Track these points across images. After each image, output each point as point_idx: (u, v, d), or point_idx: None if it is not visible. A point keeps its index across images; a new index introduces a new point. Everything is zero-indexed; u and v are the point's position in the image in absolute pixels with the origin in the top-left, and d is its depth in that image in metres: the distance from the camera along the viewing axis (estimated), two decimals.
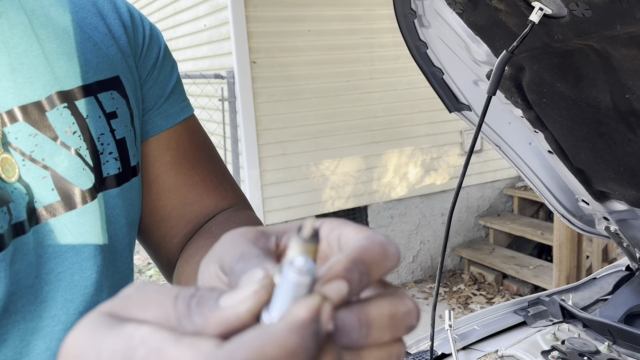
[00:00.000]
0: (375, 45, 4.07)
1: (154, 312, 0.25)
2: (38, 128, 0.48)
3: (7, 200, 0.44)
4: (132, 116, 0.57)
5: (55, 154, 0.49)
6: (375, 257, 0.26)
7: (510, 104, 1.07)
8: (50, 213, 0.48)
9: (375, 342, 0.26)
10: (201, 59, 4.32)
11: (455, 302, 4.11)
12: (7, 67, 0.47)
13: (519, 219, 4.64)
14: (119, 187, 0.54)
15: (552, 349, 1.16)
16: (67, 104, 0.50)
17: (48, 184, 0.48)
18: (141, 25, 0.60)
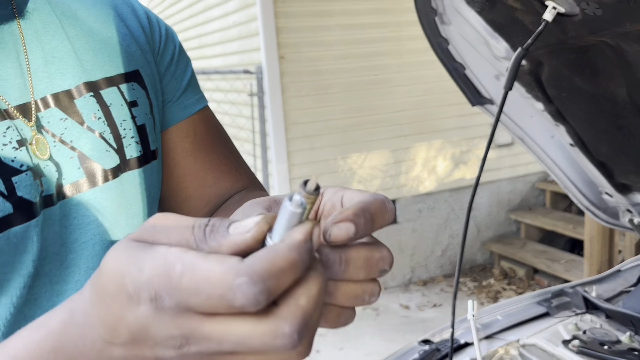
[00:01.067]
0: (403, 38, 4.07)
1: (175, 238, 0.30)
2: (68, 113, 0.56)
3: (40, 175, 0.52)
4: (151, 106, 0.64)
5: (82, 137, 0.56)
6: (377, 210, 0.33)
7: (532, 98, 1.09)
8: (75, 189, 0.55)
9: (351, 277, 0.33)
10: (231, 55, 4.39)
11: (484, 297, 4.10)
12: (42, 60, 0.55)
13: (551, 213, 4.58)
14: (140, 168, 0.61)
15: (573, 338, 1.18)
16: (93, 93, 0.58)
17: (75, 163, 0.55)
18: (157, 27, 0.68)
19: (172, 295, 0.28)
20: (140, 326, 0.29)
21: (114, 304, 0.29)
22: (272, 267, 0.27)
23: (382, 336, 3.51)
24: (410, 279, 4.48)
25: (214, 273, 0.27)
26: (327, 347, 3.40)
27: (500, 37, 0.93)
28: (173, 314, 0.28)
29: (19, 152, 0.51)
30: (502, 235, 4.78)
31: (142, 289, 0.28)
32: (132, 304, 0.29)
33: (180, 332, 0.28)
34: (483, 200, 4.68)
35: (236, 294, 0.27)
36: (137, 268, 0.28)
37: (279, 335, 0.28)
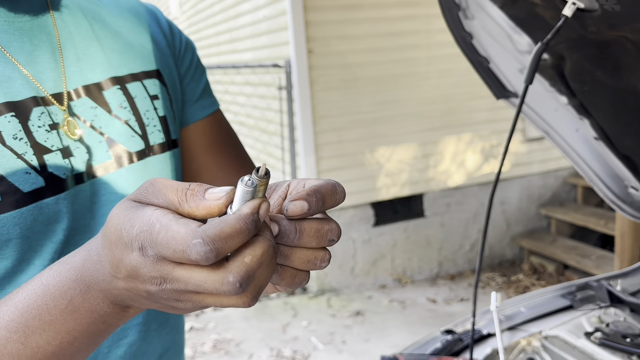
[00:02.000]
0: (433, 31, 4.05)
1: (163, 199, 0.39)
2: (97, 103, 0.64)
3: (69, 155, 0.60)
4: (171, 101, 0.73)
5: (109, 124, 0.64)
6: (328, 191, 0.41)
7: (555, 92, 1.10)
8: (104, 169, 0.62)
9: (305, 244, 0.41)
10: (260, 49, 4.44)
11: (513, 292, 4.07)
12: (74, 57, 0.64)
13: (583, 209, 4.51)
14: (162, 153, 0.69)
15: (595, 330, 1.18)
16: (119, 86, 0.66)
17: (104, 146, 0.63)
18: (179, 36, 0.78)
19: (152, 247, 0.37)
20: (132, 267, 0.39)
21: (116, 250, 0.39)
22: (220, 232, 0.36)
23: (409, 329, 3.53)
24: (438, 273, 4.48)
25: (179, 233, 0.36)
26: (354, 338, 3.44)
27: (522, 32, 0.94)
28: (153, 260, 0.38)
29: (51, 134, 0.58)
30: (532, 231, 4.72)
31: (133, 240, 0.38)
32: (127, 250, 0.39)
33: (159, 274, 0.38)
34: (513, 194, 4.64)
35: (191, 251, 0.35)
36: (130, 224, 0.38)
37: (225, 283, 0.36)
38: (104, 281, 0.42)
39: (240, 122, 5.07)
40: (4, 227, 0.54)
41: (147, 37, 0.72)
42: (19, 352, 0.44)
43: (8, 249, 0.55)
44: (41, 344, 0.44)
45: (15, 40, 0.60)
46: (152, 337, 0.70)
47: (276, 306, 3.93)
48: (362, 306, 3.89)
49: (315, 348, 3.34)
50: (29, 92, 0.58)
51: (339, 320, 3.69)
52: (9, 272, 0.56)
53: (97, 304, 0.43)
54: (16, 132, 0.56)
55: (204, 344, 3.43)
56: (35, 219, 0.56)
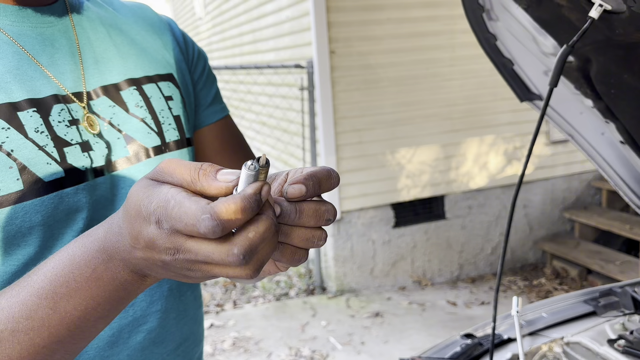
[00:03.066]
0: (456, 32, 4.02)
1: (177, 178, 0.43)
2: (115, 102, 0.68)
3: (88, 149, 0.64)
4: (184, 103, 0.77)
5: (127, 121, 0.68)
6: (323, 176, 0.46)
7: (581, 94, 1.09)
8: (123, 164, 0.66)
9: (303, 224, 0.45)
10: (283, 49, 4.46)
11: (535, 296, 4.02)
12: (92, 60, 0.69)
13: (607, 213, 4.42)
14: (178, 150, 0.73)
15: (619, 337, 1.16)
16: (135, 87, 0.71)
17: (122, 142, 0.67)
18: (192, 45, 0.84)
19: (167, 221, 0.41)
20: (150, 238, 0.43)
21: (135, 223, 0.44)
22: (227, 209, 0.40)
23: (428, 331, 3.51)
24: (458, 275, 4.44)
25: (190, 209, 0.40)
26: (373, 339, 3.43)
27: (547, 34, 0.93)
28: (168, 233, 0.42)
29: (71, 129, 0.63)
30: (556, 234, 4.65)
31: (150, 214, 0.42)
32: (145, 223, 0.43)
33: (173, 245, 0.42)
34: (537, 197, 4.57)
35: (200, 225, 0.40)
36: (148, 200, 0.42)
37: (230, 254, 0.41)
38: (124, 251, 0.46)
39: (262, 122, 5.10)
40: (27, 214, 0.58)
41: (160, 44, 0.78)
42: (49, 316, 0.47)
43: (31, 236, 0.59)
44: (68, 309, 0.48)
45: (38, 44, 0.64)
46: (170, 325, 0.72)
47: (295, 305, 3.94)
48: (381, 307, 3.88)
49: (333, 348, 3.34)
50: (50, 90, 0.63)
51: (358, 321, 3.68)
52: (33, 258, 0.60)
53: (118, 272, 0.47)
54: (37, 126, 0.60)
55: (223, 342, 3.46)
56: (56, 208, 0.60)
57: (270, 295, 4.12)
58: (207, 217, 0.39)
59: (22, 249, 0.59)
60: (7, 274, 0.59)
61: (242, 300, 4.08)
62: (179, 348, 0.75)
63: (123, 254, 0.46)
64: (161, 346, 0.71)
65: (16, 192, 0.57)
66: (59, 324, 0.48)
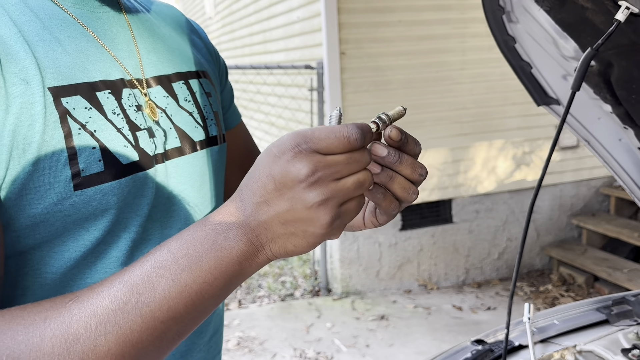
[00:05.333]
0: (467, 35, 4.00)
1: None
2: (168, 92, 0.70)
3: (152, 135, 0.65)
4: (219, 100, 0.80)
5: (178, 113, 0.70)
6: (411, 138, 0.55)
7: (600, 99, 1.07)
8: (175, 153, 0.68)
9: (402, 170, 0.53)
10: (293, 50, 4.46)
11: (541, 302, 3.99)
12: (145, 50, 0.70)
13: (615, 220, 4.39)
14: (218, 145, 0.75)
15: (633, 347, 1.15)
16: (183, 81, 0.73)
17: (173, 133, 0.68)
18: (212, 45, 0.87)
19: (307, 142, 0.46)
20: (282, 170, 0.46)
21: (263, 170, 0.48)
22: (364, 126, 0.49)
23: (433, 336, 3.49)
24: (464, 280, 4.42)
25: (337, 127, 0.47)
26: (378, 342, 3.42)
27: (569, 37, 0.92)
28: (306, 153, 0.46)
29: (138, 114, 0.64)
30: (563, 241, 4.62)
31: (284, 145, 0.47)
32: (277, 159, 0.47)
33: (311, 164, 0.46)
34: (545, 203, 4.54)
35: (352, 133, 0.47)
36: (280, 141, 0.47)
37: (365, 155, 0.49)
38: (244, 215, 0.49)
39: (271, 122, 5.09)
40: (104, 196, 0.58)
41: (192, 44, 0.80)
42: (170, 288, 0.48)
43: (102, 219, 0.59)
44: (188, 282, 0.49)
45: (100, 27, 0.65)
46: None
47: (300, 306, 3.93)
48: (386, 310, 3.86)
49: (338, 350, 3.33)
50: (118, 73, 0.63)
51: (363, 323, 3.67)
52: (97, 243, 0.60)
53: (236, 242, 0.49)
54: (114, 108, 0.61)
55: (228, 341, 3.45)
56: (129, 192, 0.60)
57: (276, 296, 4.11)
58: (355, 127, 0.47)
59: (89, 234, 0.59)
60: (71, 260, 0.58)
61: (248, 300, 4.07)
62: (212, 339, 0.75)
63: (242, 218, 0.49)
64: (200, 336, 0.72)
65: (97, 173, 0.58)
66: (178, 296, 0.48)
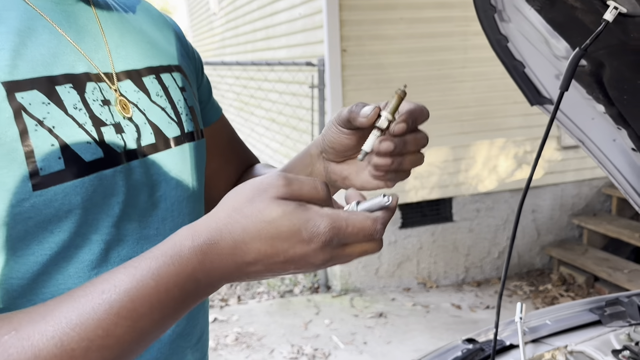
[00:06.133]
0: (469, 33, 3.98)
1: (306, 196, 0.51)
2: (139, 87, 0.67)
3: (121, 130, 0.62)
4: (195, 95, 0.78)
5: (150, 109, 0.67)
6: (417, 112, 0.65)
7: (592, 100, 1.07)
8: (151, 150, 0.65)
9: (408, 150, 0.65)
10: (295, 46, 4.45)
11: (540, 302, 3.98)
12: (114, 44, 0.67)
13: (617, 220, 4.38)
14: (194, 141, 0.73)
15: (623, 348, 1.14)
16: (154, 75, 0.70)
17: (148, 128, 0.66)
18: (189, 44, 0.84)
19: (339, 238, 0.49)
20: (303, 255, 0.48)
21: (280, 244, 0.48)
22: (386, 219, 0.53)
23: (431, 334, 3.49)
24: (464, 279, 4.41)
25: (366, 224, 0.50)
26: (375, 339, 3.42)
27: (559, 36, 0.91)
28: (331, 248, 0.49)
29: (104, 109, 0.61)
30: (563, 240, 4.61)
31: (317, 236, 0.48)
32: (302, 244, 0.48)
33: (331, 255, 0.49)
34: (546, 203, 4.53)
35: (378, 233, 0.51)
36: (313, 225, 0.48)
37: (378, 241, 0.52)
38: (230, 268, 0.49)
39: (272, 119, 5.09)
40: (66, 196, 0.55)
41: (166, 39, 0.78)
42: (125, 334, 0.47)
43: (67, 220, 0.56)
44: (147, 327, 0.48)
45: (64, 19, 0.62)
46: (195, 317, 0.72)
47: (299, 303, 3.93)
48: (385, 308, 3.86)
49: (336, 347, 3.33)
50: (82, 67, 0.61)
51: (361, 320, 3.67)
52: (65, 247, 0.57)
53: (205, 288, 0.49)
54: (75, 102, 0.58)
55: (226, 337, 3.46)
56: (95, 190, 0.58)
57: (275, 292, 4.12)
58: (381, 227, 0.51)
59: (54, 236, 0.56)
60: (38, 264, 0.56)
61: (247, 296, 4.08)
62: (199, 342, 0.74)
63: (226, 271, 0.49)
64: (187, 339, 0.71)
65: (58, 171, 0.55)
66: (134, 340, 0.47)
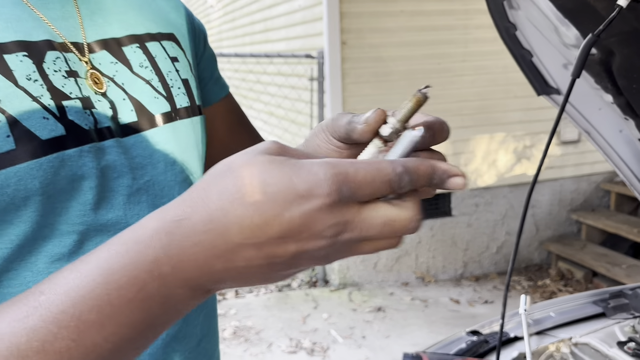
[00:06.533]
0: (470, 27, 3.97)
1: None
2: (117, 58, 0.58)
3: (90, 106, 0.53)
4: (191, 66, 0.68)
5: (131, 82, 0.58)
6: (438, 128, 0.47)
7: (601, 89, 1.05)
8: (132, 129, 0.57)
9: None
10: (294, 39, 4.43)
11: (538, 297, 3.99)
12: (88, 11, 0.59)
13: (615, 215, 4.38)
14: (189, 118, 0.64)
15: (629, 340, 1.14)
16: (138, 44, 0.61)
17: (127, 105, 0.57)
18: (191, 14, 0.75)
19: (350, 188, 0.34)
20: (302, 220, 0.34)
21: (270, 205, 0.34)
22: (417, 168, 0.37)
23: (430, 328, 3.49)
24: (462, 273, 4.41)
25: (383, 166, 0.35)
26: (374, 333, 3.42)
27: (570, 24, 0.90)
28: (341, 204, 0.34)
29: (68, 81, 0.52)
30: (562, 236, 4.61)
31: (317, 187, 0.34)
32: (301, 201, 0.34)
33: (343, 219, 0.35)
34: (544, 198, 4.53)
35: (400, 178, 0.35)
36: (308, 172, 0.34)
37: (414, 219, 0.36)
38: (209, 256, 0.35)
39: (270, 112, 5.07)
40: (21, 180, 0.47)
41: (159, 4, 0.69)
42: (69, 350, 0.36)
43: (27, 209, 0.48)
44: (97, 341, 0.36)
45: None
46: (192, 319, 0.64)
47: (297, 297, 3.93)
48: (383, 302, 3.86)
49: (334, 341, 3.33)
50: (42, 34, 0.53)
51: (360, 314, 3.67)
52: (29, 238, 0.49)
53: (176, 288, 0.36)
54: (30, 73, 0.50)
55: (224, 330, 3.46)
56: (56, 173, 0.49)
57: (273, 286, 4.11)
58: (403, 170, 0.35)
59: (15, 227, 0.48)
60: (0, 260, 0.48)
61: (245, 290, 4.07)
62: (199, 345, 0.66)
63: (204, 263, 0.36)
64: (183, 342, 0.62)
65: (7, 152, 0.46)
66: (79, 354, 0.36)
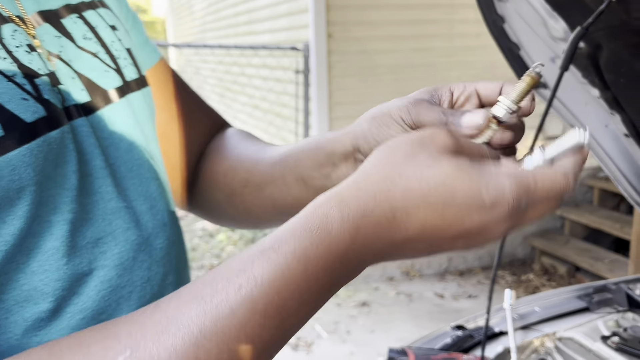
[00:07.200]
0: (455, 21, 3.97)
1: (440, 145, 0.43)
2: (60, 32, 0.52)
3: (57, 82, 0.48)
4: (128, 33, 0.63)
5: (78, 57, 0.53)
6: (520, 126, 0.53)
7: (588, 83, 1.05)
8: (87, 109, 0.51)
9: None
10: (279, 31, 4.39)
11: (522, 292, 4.02)
12: None
13: (598, 211, 4.42)
14: (140, 90, 0.59)
15: (612, 334, 1.14)
16: (77, 14, 0.55)
17: (78, 84, 0.51)
18: None
19: (528, 200, 0.40)
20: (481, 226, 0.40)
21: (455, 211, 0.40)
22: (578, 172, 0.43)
23: (414, 322, 3.50)
24: (447, 268, 4.43)
25: (558, 181, 0.41)
26: (358, 328, 3.42)
27: (559, 17, 0.89)
28: (518, 214, 0.40)
29: (33, 56, 0.47)
30: (545, 231, 4.65)
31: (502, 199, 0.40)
32: (483, 211, 0.40)
33: (514, 223, 0.41)
34: None
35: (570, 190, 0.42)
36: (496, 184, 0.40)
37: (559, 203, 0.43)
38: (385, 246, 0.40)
39: (255, 105, 5.03)
40: (15, 170, 0.41)
41: None
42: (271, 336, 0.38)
43: (21, 202, 0.42)
44: (293, 324, 0.40)
45: None
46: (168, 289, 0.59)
47: None
48: (368, 297, 3.86)
49: (319, 336, 3.32)
50: None
51: (344, 309, 3.67)
52: (22, 236, 0.43)
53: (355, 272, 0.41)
54: None
55: None
56: (45, 159, 0.44)
57: None
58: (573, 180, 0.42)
59: (8, 226, 0.41)
60: None
61: None
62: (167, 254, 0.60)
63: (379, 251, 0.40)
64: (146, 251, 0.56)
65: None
66: (277, 344, 0.39)
